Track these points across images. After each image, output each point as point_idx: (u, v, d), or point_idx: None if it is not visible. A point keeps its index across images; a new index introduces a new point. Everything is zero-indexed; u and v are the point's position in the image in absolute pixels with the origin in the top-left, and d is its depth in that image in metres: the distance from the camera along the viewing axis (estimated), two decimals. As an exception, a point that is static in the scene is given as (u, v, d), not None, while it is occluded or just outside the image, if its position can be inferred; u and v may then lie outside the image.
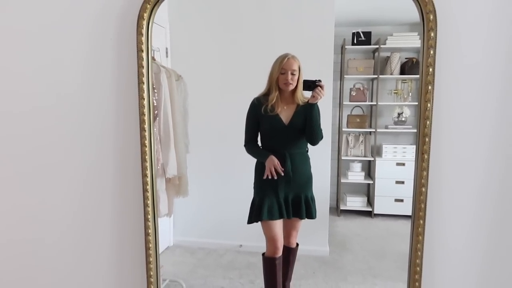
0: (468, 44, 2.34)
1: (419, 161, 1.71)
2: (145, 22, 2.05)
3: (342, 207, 4.80)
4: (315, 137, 2.62)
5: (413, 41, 4.88)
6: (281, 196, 2.53)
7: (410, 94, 5.01)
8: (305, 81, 2.45)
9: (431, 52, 1.95)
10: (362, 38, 4.59)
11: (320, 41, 3.42)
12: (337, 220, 4.54)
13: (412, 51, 5.07)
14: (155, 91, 2.05)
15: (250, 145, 2.55)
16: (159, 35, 3.49)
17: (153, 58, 2.59)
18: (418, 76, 4.73)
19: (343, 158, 5.02)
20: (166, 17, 3.59)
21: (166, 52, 3.63)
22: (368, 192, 5.00)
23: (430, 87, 1.91)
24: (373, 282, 3.48)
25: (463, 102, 2.38)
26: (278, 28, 3.41)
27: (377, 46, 4.54)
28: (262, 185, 2.58)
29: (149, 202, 2.04)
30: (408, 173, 4.94)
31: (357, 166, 4.82)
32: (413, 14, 4.57)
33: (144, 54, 2.07)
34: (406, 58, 5.02)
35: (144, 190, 2.03)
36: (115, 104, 2.21)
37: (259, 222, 2.62)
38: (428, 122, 1.89)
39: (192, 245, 3.72)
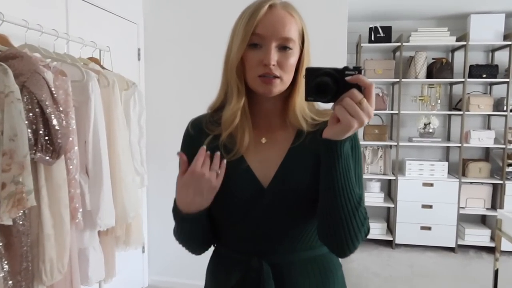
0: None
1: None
2: None
3: (357, 234, 4.07)
4: (345, 231, 0.80)
5: (442, 37, 4.15)
6: None
7: (439, 101, 4.26)
8: (313, 71, 0.76)
9: None
10: (381, 35, 3.91)
11: (331, 39, 2.78)
12: (351, 252, 3.81)
13: (440, 50, 4.27)
14: (68, 110, 1.39)
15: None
16: (130, 33, 2.88)
17: (94, 60, 1.96)
18: (448, 79, 4.10)
19: (358, 175, 4.24)
20: (139, 11, 2.97)
21: (138, 54, 3.01)
22: (388, 217, 4.37)
23: None
24: None
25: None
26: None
27: (398, 44, 3.85)
28: None
29: None
30: (437, 196, 4.19)
31: (376, 186, 4.12)
32: (442, 4, 3.88)
33: None
34: (433, 59, 4.25)
35: None
36: None
37: None
38: None
39: (171, 286, 3.07)
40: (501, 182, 3.76)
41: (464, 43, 3.72)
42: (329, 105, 0.79)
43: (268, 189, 0.86)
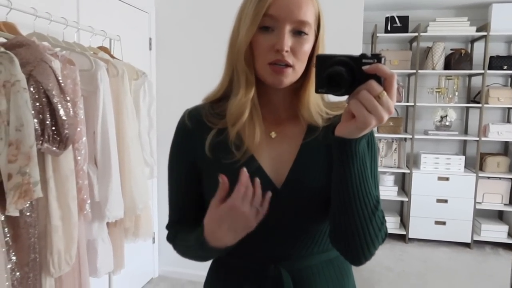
0: None
1: None
2: None
3: (369, 228, 4.00)
4: (361, 239, 0.72)
5: (461, 28, 4.01)
6: None
7: (457, 93, 4.14)
8: (325, 59, 0.67)
9: None
10: (398, 24, 3.80)
11: (346, 28, 2.71)
12: (363, 246, 3.76)
13: (459, 40, 4.08)
14: (76, 100, 1.37)
15: (177, 235, 0.88)
16: (141, 22, 2.84)
17: (103, 49, 1.93)
18: (467, 71, 3.97)
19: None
20: (151, 0, 2.93)
21: (150, 44, 2.98)
22: (402, 211, 4.27)
23: None
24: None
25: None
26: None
27: (416, 34, 3.74)
28: None
29: None
30: (453, 190, 3.88)
31: (389, 179, 4.04)
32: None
33: None
34: (451, 50, 3.98)
35: None
36: None
37: None
38: None
39: (181, 277, 3.06)
40: (520, 177, 3.65)
41: (485, 33, 3.59)
42: (341, 97, 0.68)
43: (281, 190, 0.77)
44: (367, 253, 0.73)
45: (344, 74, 0.64)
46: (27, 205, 1.20)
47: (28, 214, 1.23)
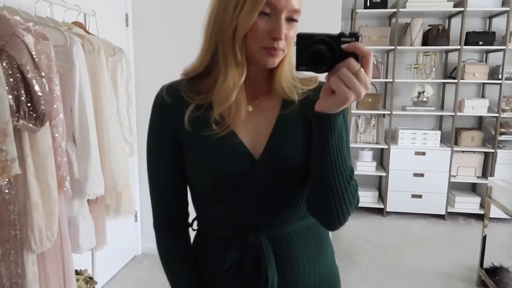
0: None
1: None
2: None
3: (349, 202, 4.11)
4: (337, 206, 0.77)
5: (439, 3, 4.01)
6: None
7: (434, 69, 4.21)
8: (306, 38, 0.69)
9: None
10: (377, 0, 3.81)
11: (325, 4, 2.71)
12: (343, 220, 3.86)
13: (437, 16, 4.14)
14: (52, 76, 1.35)
15: (166, 236, 0.95)
16: (117, -3, 2.76)
17: (78, 25, 1.88)
18: (444, 47, 4.03)
19: (351, 145, 4.19)
20: (127, -27, 2.86)
21: (126, 20, 2.91)
22: (380, 186, 4.40)
23: None
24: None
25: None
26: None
27: (394, 10, 3.76)
28: None
29: None
30: (429, 164, 4.01)
31: (368, 155, 4.13)
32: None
33: None
34: (429, 26, 4.04)
35: None
36: None
37: None
38: None
39: (166, 254, 3.12)
40: (492, 150, 3.78)
41: (462, 9, 3.64)
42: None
43: (260, 161, 0.82)
44: (342, 218, 0.78)
45: (325, 52, 0.68)
46: (5, 182, 1.19)
47: (6, 191, 1.22)
